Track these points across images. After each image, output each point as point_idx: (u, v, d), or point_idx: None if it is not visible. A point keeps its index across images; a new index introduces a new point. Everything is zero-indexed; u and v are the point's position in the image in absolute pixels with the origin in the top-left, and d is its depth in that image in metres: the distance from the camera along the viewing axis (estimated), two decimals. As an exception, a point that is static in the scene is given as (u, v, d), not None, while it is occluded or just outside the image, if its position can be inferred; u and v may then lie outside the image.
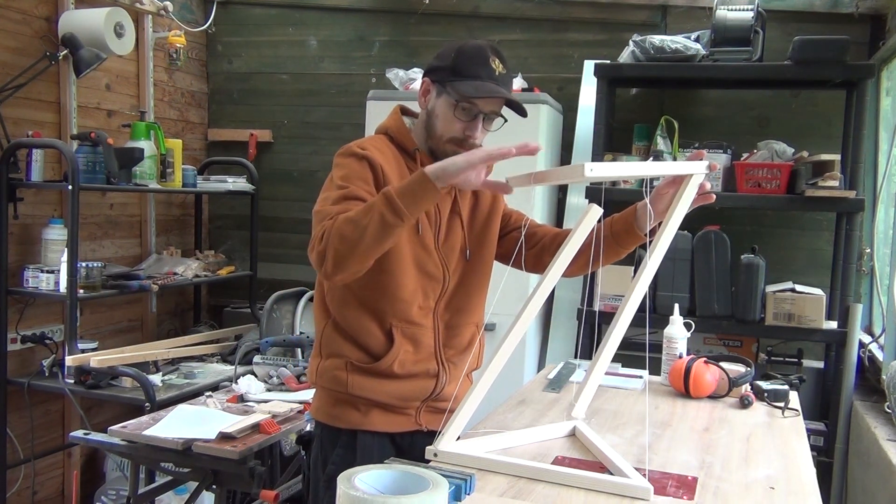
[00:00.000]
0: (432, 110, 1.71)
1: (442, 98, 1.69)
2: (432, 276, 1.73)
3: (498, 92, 1.66)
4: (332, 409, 1.75)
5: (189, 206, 4.10)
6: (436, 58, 1.74)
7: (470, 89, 1.64)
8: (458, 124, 1.68)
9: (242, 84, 4.21)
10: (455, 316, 1.79)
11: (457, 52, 1.68)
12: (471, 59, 1.66)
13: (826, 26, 3.26)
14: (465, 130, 1.68)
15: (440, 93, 1.69)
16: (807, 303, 2.95)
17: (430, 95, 1.71)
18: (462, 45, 1.69)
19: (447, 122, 1.69)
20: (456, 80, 1.65)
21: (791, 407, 1.99)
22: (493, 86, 1.65)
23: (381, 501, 1.10)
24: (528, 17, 3.72)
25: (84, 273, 2.96)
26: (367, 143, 1.72)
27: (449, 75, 1.67)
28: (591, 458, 1.55)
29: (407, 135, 1.76)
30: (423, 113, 1.74)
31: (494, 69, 1.67)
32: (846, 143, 3.07)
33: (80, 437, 2.37)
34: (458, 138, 1.69)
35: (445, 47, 1.73)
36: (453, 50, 1.69)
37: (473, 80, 1.65)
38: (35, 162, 3.03)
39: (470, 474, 1.34)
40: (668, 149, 3.13)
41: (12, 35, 3.05)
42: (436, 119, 1.70)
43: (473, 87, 1.64)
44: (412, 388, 1.73)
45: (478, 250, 1.82)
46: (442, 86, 1.68)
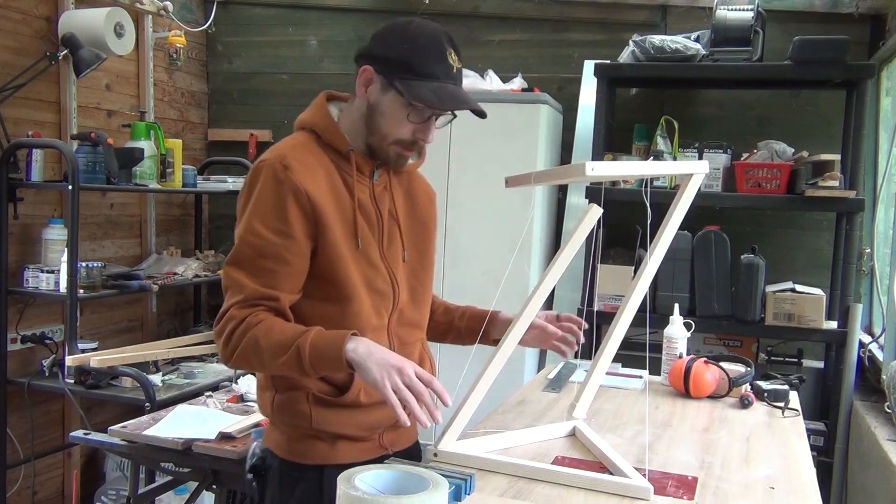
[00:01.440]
0: (376, 105, 1.49)
1: (390, 95, 1.47)
2: (383, 293, 1.55)
3: (463, 101, 1.47)
4: (296, 446, 1.56)
5: (189, 206, 4.10)
6: (380, 42, 1.50)
7: (430, 96, 1.43)
8: (408, 126, 1.49)
9: (242, 84, 4.21)
10: (407, 331, 1.62)
11: (410, 44, 1.45)
12: (427, 53, 1.45)
13: (826, 26, 3.26)
14: (415, 132, 1.50)
15: (387, 88, 1.47)
16: (807, 303, 2.95)
17: (374, 87, 1.49)
18: (414, 34, 1.46)
19: (396, 123, 1.49)
20: (410, 79, 1.44)
21: (791, 407, 1.99)
22: (454, 89, 1.47)
23: (381, 501, 1.10)
24: (528, 17, 3.72)
25: (84, 273, 2.96)
26: (290, 153, 1.47)
27: (401, 71, 1.45)
28: (592, 458, 1.55)
29: (337, 133, 1.53)
30: (362, 104, 1.51)
31: (452, 65, 1.47)
32: (846, 143, 3.07)
33: (80, 437, 2.37)
34: (408, 140, 1.51)
35: (391, 30, 1.49)
36: (404, 38, 1.46)
37: (430, 80, 1.44)
38: (35, 162, 3.03)
39: (470, 474, 1.34)
40: (668, 149, 3.14)
41: (12, 35, 3.05)
42: (380, 117, 1.49)
43: (433, 93, 1.44)
44: (379, 417, 1.56)
45: (416, 254, 1.64)
46: (390, 81, 1.46)
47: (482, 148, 3.23)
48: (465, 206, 3.30)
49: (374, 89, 1.49)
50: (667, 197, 3.23)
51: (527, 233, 3.27)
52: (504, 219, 3.27)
